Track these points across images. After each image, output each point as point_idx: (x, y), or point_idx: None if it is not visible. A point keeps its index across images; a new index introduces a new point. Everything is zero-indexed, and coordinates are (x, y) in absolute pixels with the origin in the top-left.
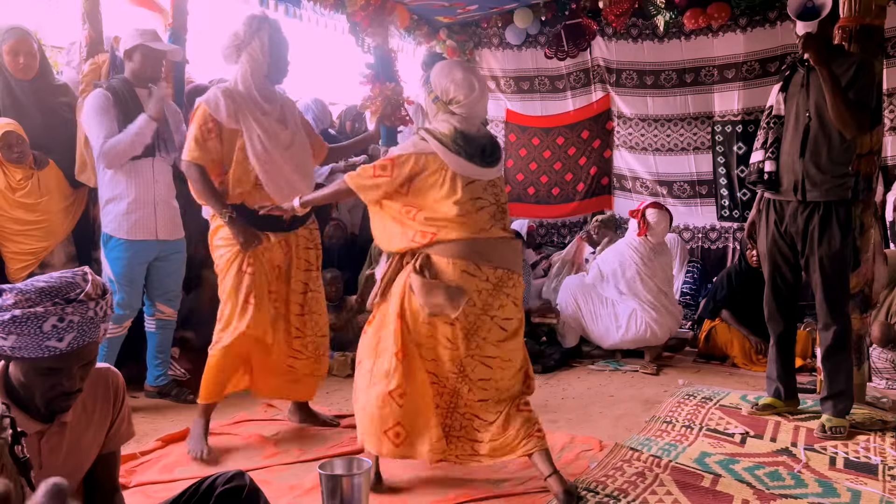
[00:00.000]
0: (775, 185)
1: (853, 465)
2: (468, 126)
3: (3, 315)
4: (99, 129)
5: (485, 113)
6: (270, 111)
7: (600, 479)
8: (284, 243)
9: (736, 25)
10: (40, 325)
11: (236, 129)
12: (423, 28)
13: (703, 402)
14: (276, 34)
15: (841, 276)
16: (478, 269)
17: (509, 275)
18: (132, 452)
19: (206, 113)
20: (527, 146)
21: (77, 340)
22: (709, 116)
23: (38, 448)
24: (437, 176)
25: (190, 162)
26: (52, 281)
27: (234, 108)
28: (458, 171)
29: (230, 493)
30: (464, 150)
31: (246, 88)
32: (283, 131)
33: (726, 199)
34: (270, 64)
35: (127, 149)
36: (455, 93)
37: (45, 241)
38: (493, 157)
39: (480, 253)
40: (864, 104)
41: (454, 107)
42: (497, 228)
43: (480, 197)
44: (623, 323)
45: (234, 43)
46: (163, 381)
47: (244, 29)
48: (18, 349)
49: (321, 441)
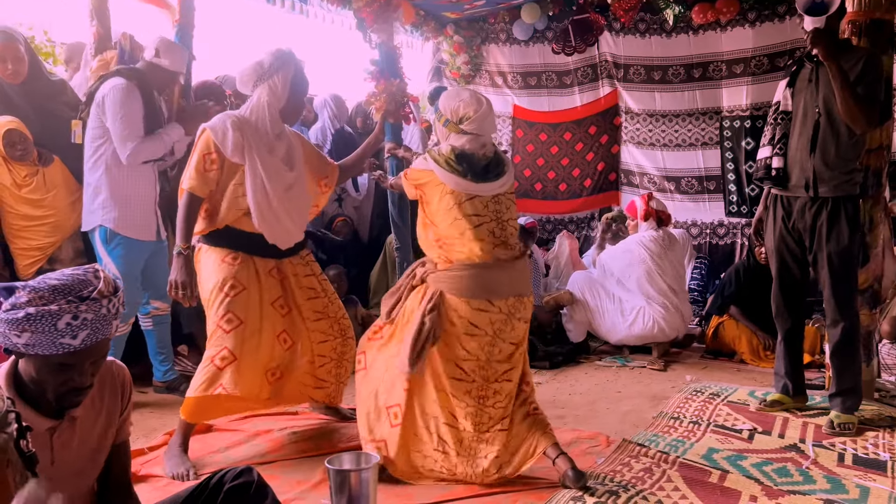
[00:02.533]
0: (783, 181)
1: (862, 461)
2: (476, 146)
3: (18, 313)
4: (124, 124)
5: (493, 129)
6: (277, 149)
7: (608, 474)
8: (276, 271)
9: (744, 20)
10: (55, 322)
11: (239, 164)
12: (431, 24)
13: (710, 399)
14: (299, 74)
15: (849, 273)
16: (490, 304)
17: (520, 300)
18: (140, 448)
19: (210, 142)
20: (534, 142)
21: (91, 338)
22: (717, 112)
23: (50, 444)
24: (437, 189)
25: (188, 191)
26: (64, 279)
27: (241, 141)
28: (453, 187)
29: (239, 488)
30: (458, 167)
31: (258, 121)
32: (287, 173)
33: (734, 194)
34: (288, 102)
35: (155, 152)
36: (465, 110)
37: (53, 236)
38: (494, 173)
39: (489, 288)
40: (872, 99)
41: (465, 124)
42: (500, 249)
43: (479, 214)
44: (630, 318)
45: (257, 72)
46: (171, 375)
47: (270, 60)
48: (32, 346)
49: (329, 436)
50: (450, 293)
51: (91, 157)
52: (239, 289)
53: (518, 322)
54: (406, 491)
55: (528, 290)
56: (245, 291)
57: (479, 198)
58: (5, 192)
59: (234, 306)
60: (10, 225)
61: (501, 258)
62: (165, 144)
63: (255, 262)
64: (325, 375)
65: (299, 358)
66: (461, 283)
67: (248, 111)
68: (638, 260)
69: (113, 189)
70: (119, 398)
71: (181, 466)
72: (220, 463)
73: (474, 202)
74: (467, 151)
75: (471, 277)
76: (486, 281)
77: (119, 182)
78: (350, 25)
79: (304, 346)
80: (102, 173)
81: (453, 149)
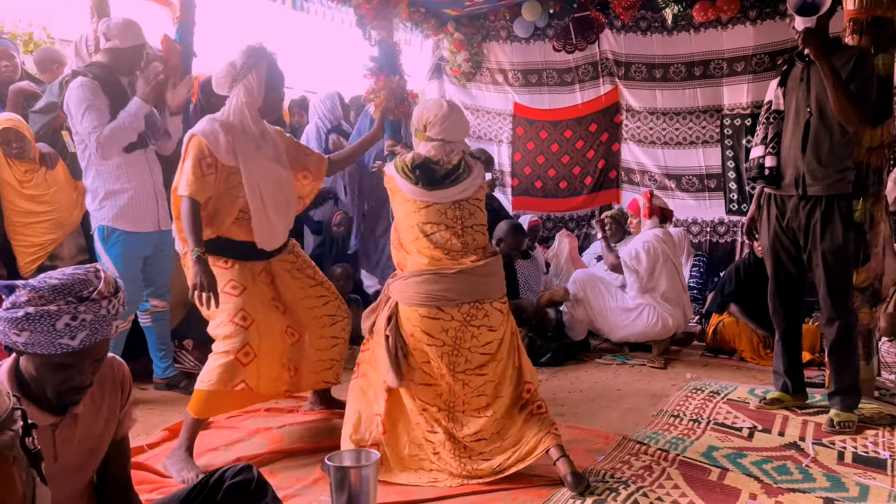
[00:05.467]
0: (776, 180)
1: (861, 459)
2: (442, 152)
3: (17, 312)
4: (90, 118)
5: (464, 134)
6: (264, 148)
7: (607, 471)
8: (265, 274)
9: (745, 18)
10: (53, 323)
11: (233, 167)
12: (431, 21)
13: (710, 397)
14: (273, 69)
15: (844, 271)
16: (440, 311)
17: (478, 307)
18: (140, 445)
19: (203, 147)
20: (534, 139)
21: (89, 338)
22: (718, 110)
23: (53, 440)
24: (399, 195)
25: (188, 197)
26: (64, 278)
27: (232, 144)
28: (409, 195)
29: (239, 486)
30: (410, 175)
31: (240, 122)
32: (278, 169)
33: (735, 192)
34: (265, 99)
35: (124, 135)
36: (426, 115)
37: (54, 233)
38: (451, 179)
39: (437, 295)
40: (865, 97)
41: (430, 130)
42: (457, 255)
43: (434, 221)
44: (633, 315)
45: (231, 73)
46: (171, 372)
47: (242, 60)
48: (31, 345)
49: (329, 433)
50: (402, 303)
51: (82, 161)
52: (241, 288)
53: (480, 330)
54: (406, 488)
55: (488, 296)
56: (247, 291)
57: (438, 205)
58: (6, 189)
59: (245, 304)
60: (11, 221)
61: (453, 265)
62: (130, 121)
63: (247, 265)
64: (335, 356)
65: (308, 349)
66: (410, 290)
67: (229, 114)
68: (663, 257)
69: (106, 186)
70: (119, 394)
71: (191, 471)
72: (220, 460)
73: (430, 210)
74: (432, 158)
75: (418, 284)
76: (434, 288)
77: (109, 177)
78: (350, 22)
79: (311, 336)
80: (94, 174)
81: (415, 157)
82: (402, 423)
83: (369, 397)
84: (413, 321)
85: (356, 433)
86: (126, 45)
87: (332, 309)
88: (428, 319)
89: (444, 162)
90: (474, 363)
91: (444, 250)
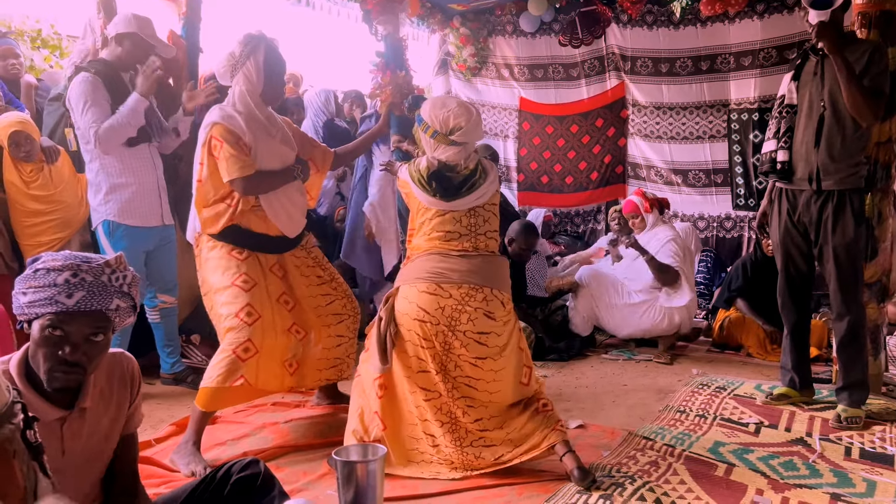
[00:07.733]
0: (788, 174)
1: (869, 455)
2: (460, 157)
3: (29, 270)
4: (91, 114)
5: (480, 137)
6: (273, 133)
7: (613, 466)
8: (278, 267)
9: (753, 12)
10: (55, 278)
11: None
12: (437, 16)
13: (717, 392)
14: (271, 54)
15: (855, 266)
16: (438, 288)
17: (477, 289)
18: (147, 440)
19: (231, 130)
20: (540, 134)
21: (86, 301)
22: (724, 104)
23: (61, 434)
24: (414, 202)
25: (241, 178)
26: (83, 254)
27: (247, 129)
28: (426, 204)
29: (246, 480)
30: (429, 187)
31: (246, 110)
32: (288, 152)
33: (742, 187)
34: (266, 85)
35: (123, 130)
36: (455, 120)
37: (62, 231)
38: (467, 187)
39: (439, 272)
40: (878, 91)
41: (456, 135)
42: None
43: (451, 230)
44: (639, 312)
45: (231, 62)
46: (178, 367)
47: (239, 48)
48: (32, 304)
49: (336, 428)
50: (404, 283)
51: (86, 157)
52: (251, 283)
53: (477, 313)
54: (411, 482)
55: (488, 284)
56: (257, 287)
57: (453, 213)
58: (13, 189)
59: (252, 299)
60: (19, 222)
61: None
62: (129, 117)
63: (259, 258)
64: (340, 354)
65: (313, 346)
66: (413, 269)
67: (234, 102)
68: (689, 249)
69: (110, 181)
70: (128, 389)
71: (199, 465)
72: (227, 455)
73: (445, 218)
74: (450, 164)
75: (422, 262)
76: (437, 266)
77: (113, 172)
78: (356, 17)
79: (318, 335)
80: (98, 168)
81: (429, 166)
82: (400, 418)
83: (367, 393)
84: (410, 297)
85: (359, 429)
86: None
87: (337, 308)
88: (426, 294)
89: (461, 168)
90: (471, 352)
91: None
